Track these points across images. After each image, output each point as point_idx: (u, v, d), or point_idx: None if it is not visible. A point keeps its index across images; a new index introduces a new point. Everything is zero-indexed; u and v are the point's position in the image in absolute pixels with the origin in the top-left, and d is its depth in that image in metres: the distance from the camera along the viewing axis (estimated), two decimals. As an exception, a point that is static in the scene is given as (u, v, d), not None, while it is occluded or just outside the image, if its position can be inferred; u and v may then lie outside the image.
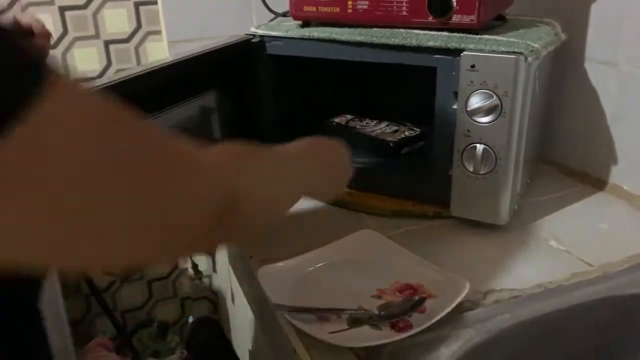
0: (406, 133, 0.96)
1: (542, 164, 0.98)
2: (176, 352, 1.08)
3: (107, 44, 1.15)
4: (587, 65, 0.87)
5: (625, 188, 0.85)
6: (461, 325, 0.59)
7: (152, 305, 1.42)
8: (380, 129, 0.98)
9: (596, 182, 0.89)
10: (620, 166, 0.85)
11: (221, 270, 1.38)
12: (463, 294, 0.59)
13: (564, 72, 0.91)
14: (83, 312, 1.36)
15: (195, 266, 1.34)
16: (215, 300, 1.49)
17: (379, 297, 0.63)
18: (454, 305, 0.58)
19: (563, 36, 0.83)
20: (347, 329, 0.58)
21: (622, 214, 0.81)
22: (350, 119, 1.02)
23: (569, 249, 0.72)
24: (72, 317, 1.31)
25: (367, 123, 1.00)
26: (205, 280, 1.46)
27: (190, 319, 1.31)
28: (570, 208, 0.83)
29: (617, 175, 0.86)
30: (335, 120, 1.01)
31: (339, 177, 0.69)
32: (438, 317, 0.56)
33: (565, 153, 0.95)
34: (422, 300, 0.60)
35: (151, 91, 0.66)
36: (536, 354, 0.62)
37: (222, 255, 1.16)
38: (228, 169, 0.46)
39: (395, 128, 0.98)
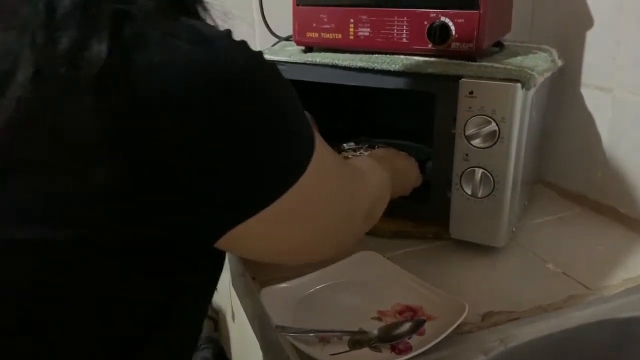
0: None
1: (540, 186, 0.99)
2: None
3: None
4: (583, 91, 0.89)
5: (621, 211, 0.86)
6: (460, 348, 0.60)
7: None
8: None
9: (593, 205, 0.90)
10: (616, 189, 0.87)
11: (222, 289, 1.38)
12: (462, 317, 0.60)
13: (561, 96, 0.93)
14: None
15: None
16: (215, 318, 1.49)
17: (379, 319, 0.64)
18: (453, 327, 0.59)
19: (560, 62, 0.85)
20: (348, 350, 0.59)
21: (618, 236, 0.82)
22: (346, 149, 1.00)
23: (566, 271, 0.73)
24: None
25: (360, 154, 0.97)
26: (206, 298, 1.46)
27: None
28: (567, 230, 0.85)
29: (613, 198, 0.87)
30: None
31: (408, 182, 0.82)
32: (437, 340, 0.57)
33: (562, 175, 0.97)
34: (422, 322, 0.61)
35: None
36: (534, 376, 0.63)
37: (223, 274, 1.17)
38: (374, 180, 0.66)
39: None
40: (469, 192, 0.75)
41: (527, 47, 0.85)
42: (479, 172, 0.73)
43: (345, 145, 1.00)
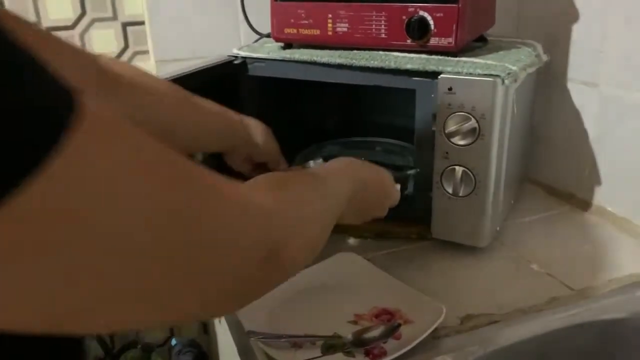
0: None
1: (529, 185, 0.97)
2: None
3: (94, 64, 1.15)
4: (570, 86, 0.87)
5: (609, 209, 0.84)
6: (436, 353, 0.58)
7: (141, 325, 1.41)
8: None
9: (581, 203, 0.88)
10: (604, 187, 0.85)
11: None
12: (438, 321, 0.58)
13: (547, 92, 0.91)
14: (70, 333, 1.34)
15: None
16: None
17: (355, 323, 0.63)
18: (428, 332, 0.57)
19: (545, 57, 0.83)
20: (321, 356, 0.57)
21: (606, 236, 0.81)
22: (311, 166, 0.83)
23: (551, 272, 0.71)
24: (59, 338, 1.30)
25: None
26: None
27: (174, 342, 1.30)
28: (553, 230, 0.83)
29: (601, 197, 0.86)
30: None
31: (377, 204, 0.64)
32: (412, 345, 0.56)
33: (551, 174, 0.95)
34: (397, 327, 0.59)
35: None
36: (514, 380, 0.61)
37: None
38: (276, 210, 0.40)
39: None
40: (450, 191, 0.73)
41: (511, 42, 0.83)
42: (459, 171, 0.71)
43: (311, 162, 0.83)
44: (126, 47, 1.16)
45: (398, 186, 0.67)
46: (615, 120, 0.81)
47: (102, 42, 1.14)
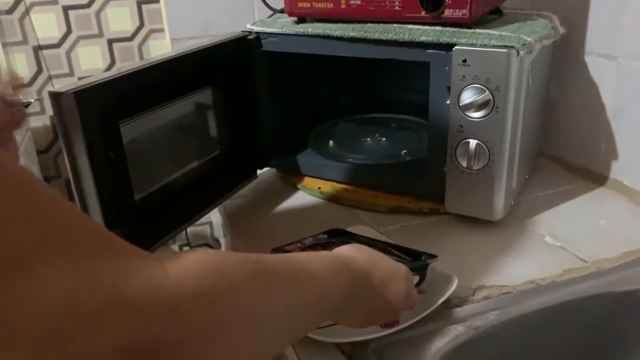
0: None
1: (544, 159, 0.96)
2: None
3: (110, 42, 1.16)
4: (587, 59, 0.86)
5: (625, 183, 0.83)
6: (449, 322, 0.59)
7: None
8: None
9: (597, 178, 0.87)
10: (621, 161, 0.84)
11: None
12: (450, 291, 0.59)
13: (564, 65, 0.90)
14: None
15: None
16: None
17: None
18: (440, 301, 0.57)
19: (561, 29, 0.82)
20: (334, 324, 0.58)
21: (621, 210, 0.80)
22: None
23: (564, 245, 0.71)
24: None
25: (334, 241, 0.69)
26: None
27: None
28: (569, 204, 0.82)
29: (617, 171, 0.85)
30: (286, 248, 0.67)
31: (388, 306, 0.51)
32: (424, 314, 0.56)
33: (566, 148, 0.94)
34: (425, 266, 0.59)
35: (147, 88, 0.66)
36: (526, 351, 0.61)
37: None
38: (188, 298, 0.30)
39: None
40: (464, 164, 0.73)
41: (527, 14, 0.81)
42: (473, 144, 0.71)
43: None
44: (141, 25, 1.17)
45: (416, 278, 0.58)
46: (633, 94, 0.80)
47: (118, 21, 1.15)
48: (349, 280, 0.46)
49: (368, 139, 0.98)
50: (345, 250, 0.49)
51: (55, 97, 0.55)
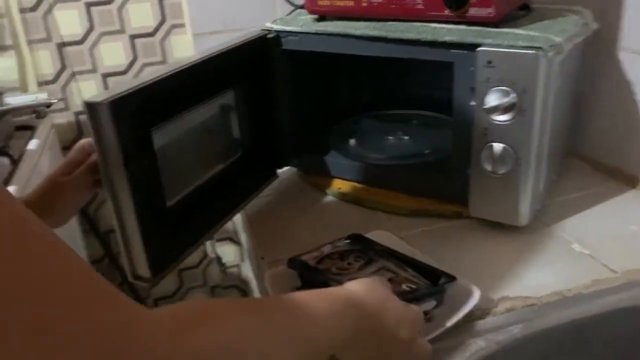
0: (403, 287, 0.59)
1: (573, 159, 0.93)
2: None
3: (132, 38, 1.16)
4: (622, 55, 0.82)
5: (660, 186, 0.80)
6: (469, 335, 0.57)
7: (184, 294, 1.45)
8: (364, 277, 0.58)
9: (629, 180, 0.84)
10: (656, 163, 0.80)
11: (248, 260, 1.39)
12: (472, 305, 0.57)
13: (596, 62, 0.86)
14: (116, 300, 1.39)
15: (219, 258, 1.35)
16: (244, 288, 1.50)
17: None
18: (460, 316, 0.56)
19: (594, 25, 0.78)
20: None
21: (655, 214, 0.77)
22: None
23: (593, 253, 0.69)
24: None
25: (349, 264, 0.64)
26: (234, 270, 1.48)
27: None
28: (598, 207, 0.79)
29: (651, 173, 0.81)
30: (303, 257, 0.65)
31: (388, 354, 0.48)
32: (444, 328, 0.55)
33: (597, 148, 0.90)
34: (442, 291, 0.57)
35: (175, 93, 0.65)
36: (550, 365, 0.60)
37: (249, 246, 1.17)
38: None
39: (388, 277, 0.60)
40: (489, 168, 0.71)
41: (557, 10, 0.78)
42: (499, 147, 0.69)
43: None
44: (163, 20, 1.16)
45: (433, 303, 0.56)
46: (669, 92, 0.76)
47: (139, 16, 1.15)
48: (353, 322, 0.44)
49: (390, 137, 0.96)
50: (358, 289, 0.47)
51: (90, 107, 0.55)
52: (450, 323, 0.55)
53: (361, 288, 0.48)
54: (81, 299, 0.27)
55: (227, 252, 1.42)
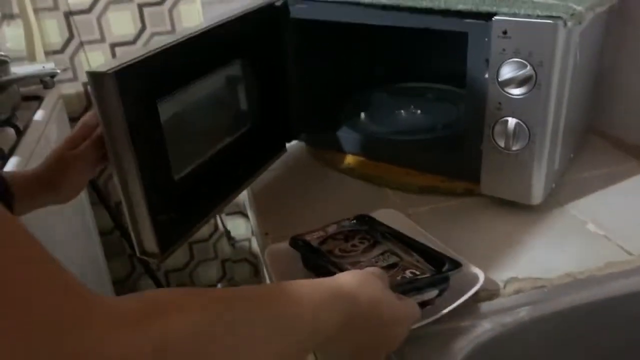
0: (407, 273, 0.56)
1: (594, 136, 0.89)
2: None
3: (140, 7, 1.14)
4: (647, 27, 0.78)
5: (683, 166, 0.76)
6: (475, 317, 0.55)
7: (194, 267, 1.46)
8: (367, 259, 0.59)
9: (651, 158, 0.80)
10: (679, 141, 0.77)
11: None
12: (474, 289, 0.55)
13: (620, 34, 0.81)
14: (127, 272, 1.40)
15: (227, 232, 1.34)
16: (255, 262, 1.50)
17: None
18: (462, 300, 0.54)
19: (619, -6, 0.74)
20: None
21: (677, 195, 0.73)
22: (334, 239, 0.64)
23: (608, 234, 0.66)
24: (116, 277, 1.36)
25: (353, 246, 0.62)
26: (245, 244, 1.47)
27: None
28: (617, 187, 0.76)
29: (675, 151, 0.77)
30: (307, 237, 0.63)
31: (376, 352, 0.48)
32: (445, 311, 0.53)
33: (618, 124, 0.86)
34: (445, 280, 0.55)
35: (181, 63, 0.63)
36: (559, 351, 0.58)
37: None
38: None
39: (393, 261, 0.59)
40: (502, 144, 0.68)
41: (580, -23, 0.74)
42: (512, 123, 0.66)
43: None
44: (172, -11, 1.13)
45: (434, 292, 0.54)
46: (697, 67, 0.72)
47: (148, -16, 1.12)
48: (343, 317, 0.42)
49: (402, 110, 0.93)
50: (351, 282, 0.45)
51: (95, 77, 0.52)
52: (451, 307, 0.53)
53: (354, 281, 0.45)
54: (34, 283, 0.25)
55: (238, 226, 1.42)
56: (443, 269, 0.56)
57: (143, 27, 1.15)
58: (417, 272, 0.56)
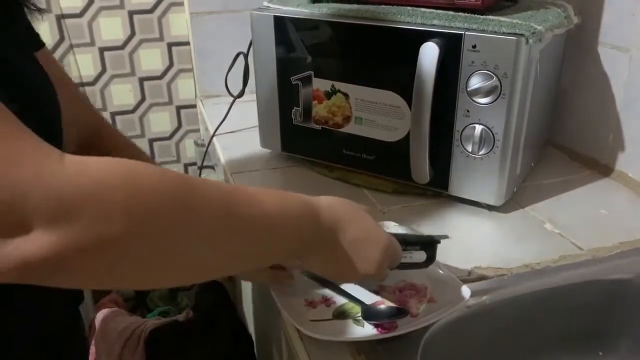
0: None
1: (552, 148, 0.97)
2: (183, 313, 1.13)
3: (131, 14, 1.18)
4: (600, 50, 0.86)
5: (630, 175, 0.84)
6: (443, 299, 0.61)
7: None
8: None
9: (603, 168, 0.88)
10: (628, 153, 0.85)
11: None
12: (456, 307, 0.57)
13: (576, 55, 0.90)
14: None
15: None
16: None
17: (377, 293, 0.61)
18: (443, 315, 0.56)
19: (575, 19, 0.82)
20: (330, 319, 0.57)
21: (624, 201, 0.81)
22: None
23: (563, 232, 0.73)
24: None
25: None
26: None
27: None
28: (572, 193, 0.83)
29: (623, 162, 0.85)
30: None
31: (349, 269, 0.49)
32: (423, 324, 0.55)
33: (574, 138, 0.94)
34: (404, 314, 0.57)
35: None
36: (517, 333, 0.64)
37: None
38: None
39: None
40: (469, 149, 0.74)
41: (541, 3, 0.82)
42: (479, 129, 0.72)
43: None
44: (161, -2, 1.18)
45: (423, 255, 0.58)
46: (643, 86, 0.80)
47: (139, -8, 1.17)
48: (312, 228, 0.44)
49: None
50: (327, 199, 0.48)
51: None
52: (430, 321, 0.55)
53: (333, 200, 0.48)
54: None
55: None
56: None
57: (132, 34, 1.20)
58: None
